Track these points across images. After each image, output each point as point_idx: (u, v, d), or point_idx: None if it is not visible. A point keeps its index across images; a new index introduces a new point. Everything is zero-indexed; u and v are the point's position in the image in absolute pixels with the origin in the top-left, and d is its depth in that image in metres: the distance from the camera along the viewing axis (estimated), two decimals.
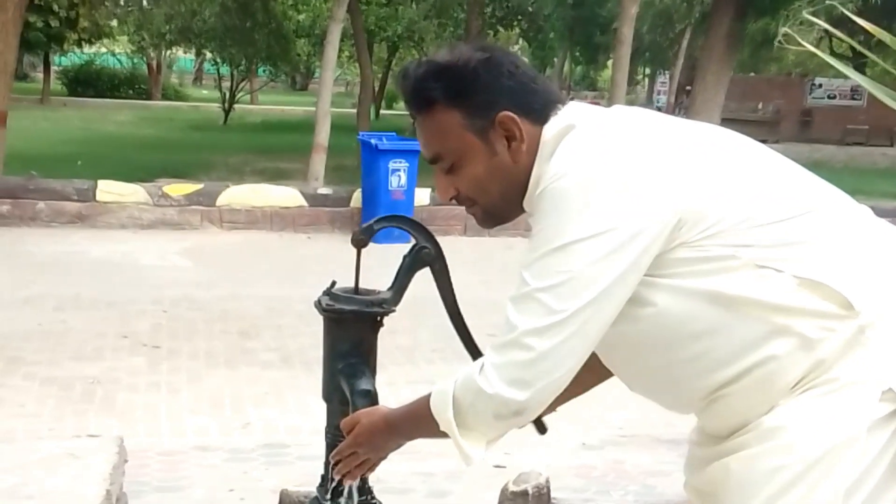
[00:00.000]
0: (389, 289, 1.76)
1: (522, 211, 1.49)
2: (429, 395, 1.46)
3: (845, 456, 1.32)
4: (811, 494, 1.32)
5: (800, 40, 2.63)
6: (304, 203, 8.55)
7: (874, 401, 1.32)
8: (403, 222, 1.80)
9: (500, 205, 1.49)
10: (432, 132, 1.47)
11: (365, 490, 1.80)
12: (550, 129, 1.43)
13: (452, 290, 1.75)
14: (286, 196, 8.57)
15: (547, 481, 2.82)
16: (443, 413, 1.42)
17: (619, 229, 1.30)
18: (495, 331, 1.39)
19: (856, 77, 2.50)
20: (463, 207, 1.53)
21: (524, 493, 2.76)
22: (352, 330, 1.75)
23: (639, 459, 3.49)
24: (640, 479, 3.17)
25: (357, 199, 8.59)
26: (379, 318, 1.76)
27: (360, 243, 1.74)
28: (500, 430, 1.42)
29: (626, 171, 1.32)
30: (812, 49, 2.81)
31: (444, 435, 1.44)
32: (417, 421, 1.50)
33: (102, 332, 5.17)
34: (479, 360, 1.39)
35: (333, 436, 1.77)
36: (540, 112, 1.44)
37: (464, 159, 1.45)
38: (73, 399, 4.14)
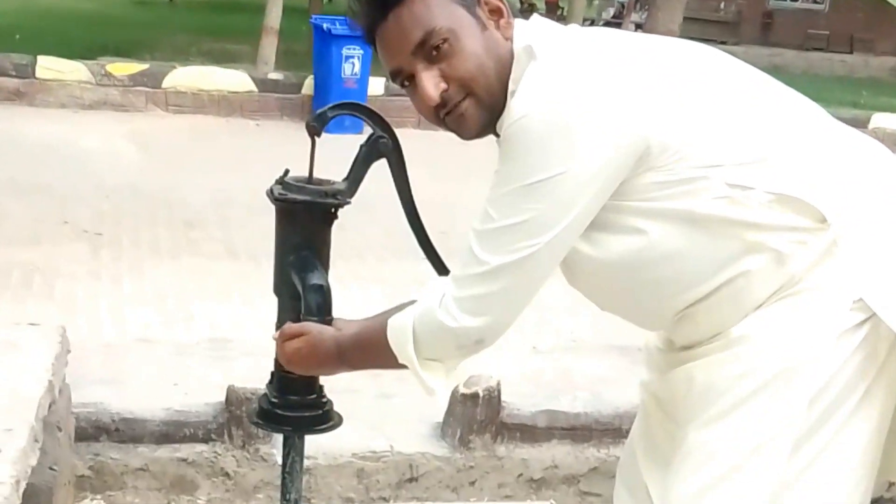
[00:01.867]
0: (344, 179, 1.68)
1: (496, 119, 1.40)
2: (383, 326, 1.44)
3: (811, 364, 1.32)
4: (774, 401, 1.32)
5: None
6: (254, 88, 8.31)
7: (844, 310, 1.32)
8: (359, 110, 1.70)
9: (497, 90, 1.37)
10: (418, 13, 1.36)
11: (315, 389, 1.75)
12: (520, 33, 1.39)
13: (409, 185, 1.68)
14: (235, 80, 8.31)
15: (497, 385, 2.80)
16: (402, 347, 1.41)
17: (585, 165, 1.28)
18: (447, 228, 1.30)
19: None
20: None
21: (475, 396, 2.75)
22: (304, 221, 1.68)
23: (589, 366, 3.49)
24: (589, 385, 3.16)
25: (308, 86, 8.35)
26: (333, 210, 1.68)
27: (313, 130, 1.65)
28: (461, 359, 1.43)
29: (589, 105, 1.28)
30: None
31: (400, 366, 1.43)
32: (371, 352, 1.48)
33: (41, 217, 5.00)
34: (438, 292, 1.38)
35: None
36: (511, 8, 1.42)
37: (458, 32, 1.36)
38: (11, 285, 4.02)
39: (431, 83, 1.37)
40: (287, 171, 1.70)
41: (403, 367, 1.44)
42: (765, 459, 1.33)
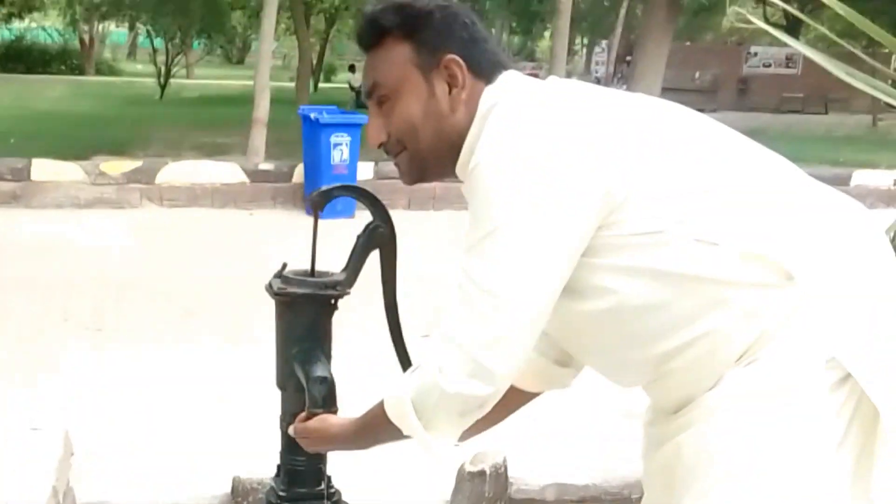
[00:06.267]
0: (343, 270, 1.69)
1: (450, 173, 1.46)
2: (380, 406, 1.45)
3: (795, 429, 1.29)
4: (763, 471, 1.30)
5: (750, 17, 2.68)
6: (246, 179, 8.49)
7: (819, 370, 1.29)
8: (362, 195, 1.72)
9: (428, 155, 1.45)
10: (378, 62, 1.46)
11: (323, 480, 1.78)
12: (488, 97, 1.42)
13: (395, 276, 1.70)
14: (227, 172, 8.49)
15: (504, 461, 2.76)
16: (405, 420, 1.40)
17: (550, 213, 1.29)
18: (441, 304, 1.37)
19: (791, 42, 2.53)
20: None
21: (481, 473, 2.71)
22: (305, 314, 1.68)
23: (594, 434, 3.50)
24: (596, 453, 3.17)
25: (299, 174, 8.53)
26: (333, 301, 1.69)
27: (317, 205, 1.67)
28: (466, 425, 1.41)
29: (554, 152, 1.30)
30: (757, 22, 2.86)
31: (405, 437, 1.44)
32: (376, 431, 1.50)
33: (42, 313, 5.09)
34: (432, 361, 1.37)
35: (289, 424, 1.72)
36: (485, 69, 1.44)
37: (401, 92, 1.43)
38: (14, 382, 4.07)
39: (374, 128, 1.48)
40: (285, 265, 1.71)
41: (409, 437, 1.43)
42: None
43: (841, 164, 11.28)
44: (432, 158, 1.45)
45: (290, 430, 1.66)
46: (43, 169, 8.05)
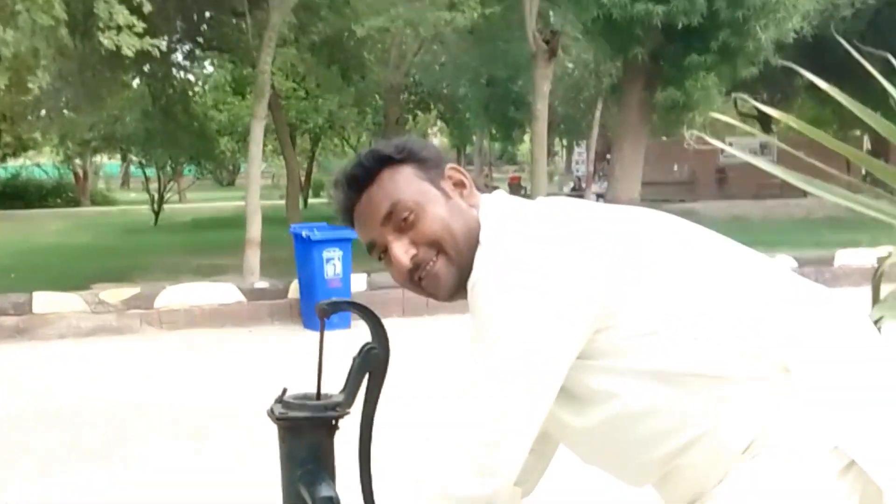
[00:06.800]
0: (342, 391, 1.71)
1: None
2: None
3: None
4: None
5: (707, 138, 2.88)
6: (243, 298, 8.65)
7: (824, 458, 1.33)
8: (367, 315, 1.73)
9: (465, 249, 1.46)
10: (386, 189, 1.49)
11: None
12: (486, 204, 1.51)
13: (376, 403, 1.73)
14: (224, 292, 8.66)
15: None
16: None
17: (548, 325, 1.34)
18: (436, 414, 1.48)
19: (759, 136, 2.68)
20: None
21: None
22: (308, 437, 1.69)
23: None
24: None
25: (294, 290, 8.71)
26: (334, 422, 1.70)
27: (324, 313, 1.69)
28: None
29: (549, 265, 1.35)
30: (727, 119, 3.10)
31: None
32: None
33: (52, 447, 5.14)
34: (438, 466, 1.44)
35: None
36: (475, 183, 1.56)
37: (423, 202, 1.48)
38: None
39: (402, 250, 1.48)
40: (285, 390, 1.74)
41: None
42: None
43: (823, 246, 11.42)
44: (468, 253, 1.45)
45: None
46: (44, 301, 8.21)
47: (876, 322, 1.92)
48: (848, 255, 10.49)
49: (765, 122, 21.37)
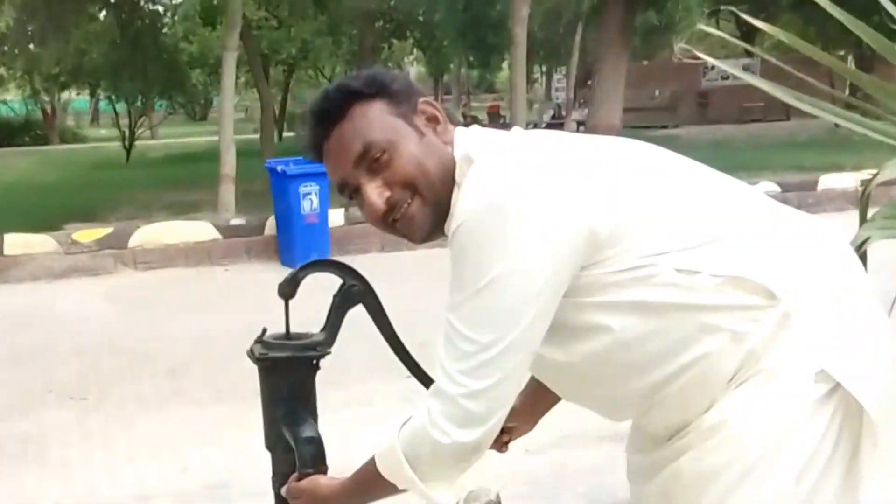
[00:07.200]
0: (322, 330, 1.72)
1: (444, 220, 1.45)
2: (371, 462, 1.47)
3: (790, 442, 1.34)
4: (762, 485, 1.34)
5: (706, 28, 2.75)
6: (218, 235, 8.49)
7: (808, 384, 1.35)
8: (327, 266, 1.75)
9: (440, 189, 1.43)
10: (358, 126, 1.45)
11: None
12: (461, 139, 1.46)
13: (390, 324, 1.73)
14: (199, 230, 8.50)
15: (497, 497, 2.79)
16: (399, 473, 1.43)
17: (532, 259, 1.32)
18: (425, 339, 1.38)
19: (746, 52, 2.61)
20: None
21: None
22: (289, 376, 1.71)
23: (583, 459, 3.50)
24: (586, 478, 3.18)
25: (271, 226, 8.56)
26: (315, 362, 1.72)
27: (286, 295, 1.70)
28: (463, 471, 1.44)
29: (533, 201, 1.33)
30: (714, 31, 2.95)
31: (399, 492, 1.46)
32: (369, 488, 1.51)
33: (26, 387, 5.06)
34: (423, 411, 1.40)
35: (281, 485, 1.74)
36: (450, 115, 1.50)
37: (396, 141, 1.43)
38: (5, 458, 4.06)
39: (375, 193, 1.44)
40: (265, 330, 1.73)
41: (405, 490, 1.45)
42: None
43: (806, 170, 11.39)
44: (444, 193, 1.43)
45: (283, 491, 1.67)
46: (15, 243, 8.03)
47: (863, 243, 1.93)
48: (831, 180, 10.44)
49: (748, 43, 21.12)
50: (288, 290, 1.70)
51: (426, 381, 1.67)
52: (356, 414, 4.22)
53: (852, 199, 10.06)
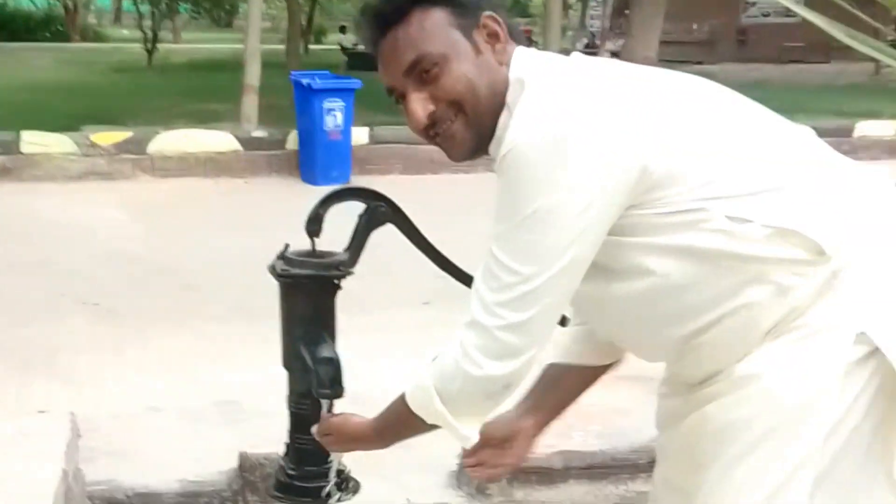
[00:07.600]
0: (346, 249, 1.69)
1: (490, 140, 1.41)
2: (402, 399, 1.46)
3: (821, 402, 1.32)
4: (790, 439, 1.33)
5: None
6: (239, 147, 8.36)
7: (848, 344, 1.32)
8: (349, 195, 1.73)
9: (486, 112, 1.39)
10: (413, 35, 1.39)
11: (339, 471, 1.77)
12: (518, 60, 1.41)
13: (424, 238, 1.71)
14: (220, 141, 8.37)
15: None
16: (429, 407, 1.41)
17: (583, 192, 1.28)
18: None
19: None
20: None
21: None
22: (309, 295, 1.68)
23: (598, 398, 3.43)
24: (602, 419, 3.14)
25: (293, 140, 8.42)
26: (337, 282, 1.69)
27: (313, 233, 1.68)
28: (493, 408, 1.44)
29: (585, 131, 1.29)
30: None
31: (430, 429, 1.45)
32: (399, 425, 1.51)
33: (38, 292, 4.99)
34: (456, 344, 1.38)
35: (297, 404, 1.73)
36: (513, 32, 1.44)
37: (450, 55, 1.38)
38: (15, 365, 3.99)
39: (420, 105, 1.40)
40: (287, 246, 1.70)
41: (434, 428, 1.45)
42: (787, 499, 1.33)
43: (844, 115, 11.13)
44: (489, 116, 1.39)
45: (313, 431, 1.66)
46: (32, 141, 7.93)
47: None
48: (868, 126, 10.25)
49: None
50: (313, 227, 1.67)
51: (468, 281, 1.63)
52: (375, 340, 4.14)
53: (887, 149, 9.85)
